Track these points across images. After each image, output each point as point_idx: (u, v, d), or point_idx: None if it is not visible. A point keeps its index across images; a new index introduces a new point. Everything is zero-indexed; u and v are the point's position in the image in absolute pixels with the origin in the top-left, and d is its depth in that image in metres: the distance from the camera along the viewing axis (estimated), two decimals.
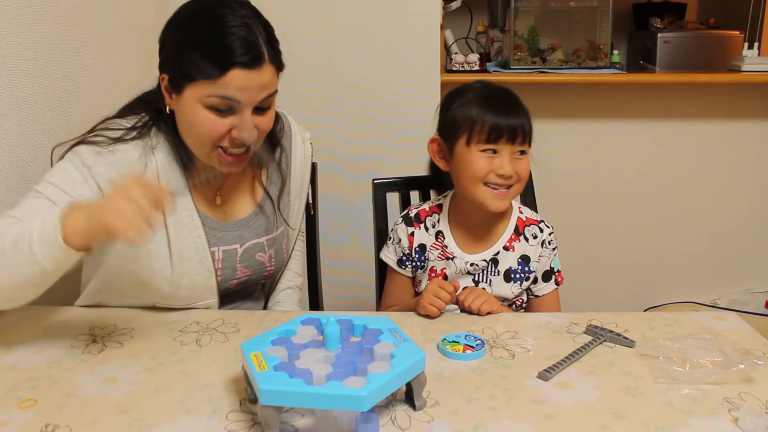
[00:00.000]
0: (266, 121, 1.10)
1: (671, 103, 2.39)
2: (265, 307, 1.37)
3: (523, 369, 0.96)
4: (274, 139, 1.26)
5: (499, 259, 1.26)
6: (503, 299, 1.27)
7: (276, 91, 1.09)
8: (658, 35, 2.37)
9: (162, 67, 1.09)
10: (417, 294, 1.33)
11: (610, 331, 1.05)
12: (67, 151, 1.10)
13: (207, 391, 0.90)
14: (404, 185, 1.53)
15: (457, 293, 1.18)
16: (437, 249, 1.27)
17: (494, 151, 1.18)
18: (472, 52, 2.44)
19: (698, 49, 2.41)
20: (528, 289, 1.30)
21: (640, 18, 2.67)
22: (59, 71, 1.35)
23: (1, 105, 1.17)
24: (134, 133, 1.12)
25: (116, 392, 0.90)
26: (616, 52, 2.44)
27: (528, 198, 1.50)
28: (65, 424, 0.82)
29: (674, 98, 2.39)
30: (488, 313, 1.16)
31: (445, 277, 1.27)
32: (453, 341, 1.02)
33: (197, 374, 0.95)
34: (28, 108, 1.25)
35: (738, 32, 2.40)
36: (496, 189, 1.19)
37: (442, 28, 2.14)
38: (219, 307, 1.21)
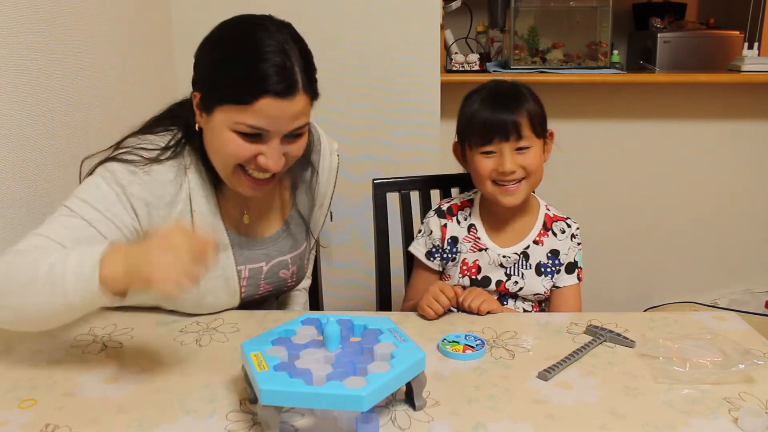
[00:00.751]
0: (296, 148, 1.08)
1: (671, 103, 2.39)
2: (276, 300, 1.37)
3: (523, 369, 0.96)
4: (304, 157, 1.21)
5: (529, 253, 1.28)
6: (535, 294, 1.28)
7: (309, 122, 1.07)
8: (658, 35, 2.37)
9: (195, 85, 1.06)
10: None
11: (610, 331, 1.05)
12: (97, 166, 1.07)
13: (207, 391, 0.90)
14: (404, 185, 1.53)
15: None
16: (470, 241, 1.29)
17: (493, 152, 1.21)
18: (472, 52, 2.44)
19: (698, 49, 2.40)
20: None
21: (640, 18, 2.67)
22: (59, 71, 1.35)
23: (1, 105, 1.17)
24: (169, 153, 1.09)
25: (116, 392, 0.90)
26: (616, 52, 2.44)
27: None
28: (65, 424, 0.82)
29: (674, 98, 2.39)
30: (488, 313, 1.16)
31: (479, 270, 1.28)
32: (453, 341, 1.02)
33: (197, 374, 0.95)
34: (28, 108, 1.25)
35: (738, 32, 2.40)
36: (503, 185, 1.21)
37: (442, 28, 2.14)
38: None
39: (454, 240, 1.30)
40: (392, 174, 1.56)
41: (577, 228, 1.31)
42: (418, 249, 1.34)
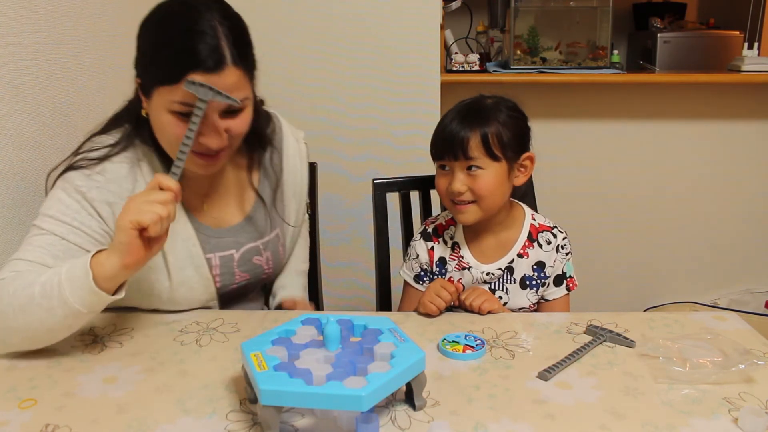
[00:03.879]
0: (238, 124, 1.06)
1: (671, 103, 2.39)
2: (269, 295, 1.36)
3: (523, 369, 0.96)
4: (264, 139, 1.25)
5: (514, 267, 1.26)
6: (520, 308, 1.26)
7: (248, 96, 1.05)
8: (658, 35, 2.37)
9: (135, 69, 1.07)
10: None
11: (610, 331, 1.05)
12: (57, 178, 1.09)
13: (207, 391, 0.90)
14: (404, 185, 1.53)
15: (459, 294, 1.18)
16: (454, 260, 1.28)
17: (446, 167, 1.21)
18: (472, 52, 2.44)
19: (698, 49, 2.41)
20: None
21: (640, 18, 2.67)
22: (59, 71, 1.35)
23: (1, 105, 1.17)
24: (118, 148, 1.10)
25: (116, 392, 0.90)
26: (616, 52, 2.44)
27: (528, 198, 1.50)
28: (65, 424, 0.82)
29: (674, 98, 2.39)
30: (489, 312, 1.16)
31: (463, 288, 1.26)
32: (453, 341, 1.02)
33: (197, 374, 0.95)
34: (28, 108, 1.25)
35: (738, 32, 2.40)
36: (456, 203, 1.21)
37: (442, 28, 2.14)
38: (219, 308, 1.21)
39: (443, 261, 1.29)
40: (392, 174, 1.56)
41: (564, 237, 1.28)
42: (407, 273, 1.33)
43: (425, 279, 1.31)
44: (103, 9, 1.53)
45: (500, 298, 1.25)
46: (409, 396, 0.86)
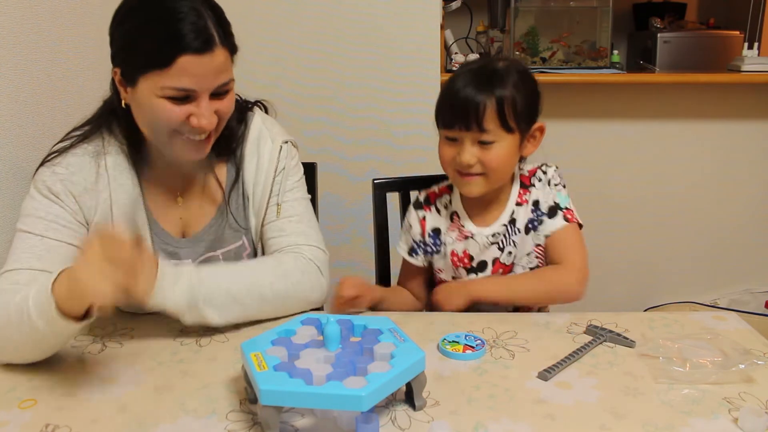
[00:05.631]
0: (226, 105, 1.07)
1: (671, 103, 2.39)
2: None
3: (523, 369, 0.96)
4: (232, 134, 1.19)
5: (515, 217, 1.22)
6: (527, 254, 1.22)
7: (233, 78, 1.06)
8: (658, 35, 2.37)
9: (113, 61, 1.05)
10: (432, 283, 1.30)
11: (610, 331, 1.05)
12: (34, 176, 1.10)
13: (207, 391, 0.90)
14: (404, 185, 1.53)
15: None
16: (454, 231, 1.24)
17: (456, 139, 1.14)
18: (472, 52, 2.44)
19: (698, 49, 2.41)
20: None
21: (640, 18, 2.67)
22: (59, 71, 1.35)
23: (1, 105, 1.17)
24: (80, 139, 1.10)
25: (116, 392, 0.90)
26: (616, 52, 2.44)
27: None
28: (65, 424, 0.82)
29: (674, 98, 2.39)
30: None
31: (471, 258, 1.23)
32: (453, 341, 1.02)
33: (197, 374, 0.95)
34: (28, 108, 1.25)
35: (738, 32, 2.40)
36: (463, 175, 1.15)
37: (442, 28, 2.14)
38: None
39: (437, 231, 1.25)
40: (392, 174, 1.56)
41: (555, 169, 1.23)
42: (402, 246, 1.31)
43: (419, 251, 1.28)
44: (103, 9, 1.53)
45: (510, 253, 1.21)
46: (409, 396, 0.86)
